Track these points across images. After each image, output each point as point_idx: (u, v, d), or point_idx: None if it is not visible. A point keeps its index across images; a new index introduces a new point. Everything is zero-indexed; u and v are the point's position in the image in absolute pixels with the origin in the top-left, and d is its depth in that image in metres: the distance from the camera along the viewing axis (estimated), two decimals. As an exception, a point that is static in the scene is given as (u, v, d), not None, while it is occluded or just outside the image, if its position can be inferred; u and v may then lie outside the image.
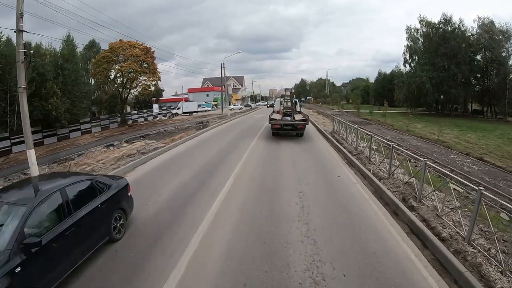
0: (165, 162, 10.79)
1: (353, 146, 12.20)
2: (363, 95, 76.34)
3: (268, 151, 11.89)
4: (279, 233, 5.14)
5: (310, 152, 11.88)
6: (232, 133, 17.57)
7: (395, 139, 17.20)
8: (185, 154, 12.17)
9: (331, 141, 13.87)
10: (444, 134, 24.52)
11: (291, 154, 11.31)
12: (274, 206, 6.39)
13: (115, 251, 4.77)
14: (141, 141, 19.83)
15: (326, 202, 6.64)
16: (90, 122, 30.95)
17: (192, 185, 7.95)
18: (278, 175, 8.66)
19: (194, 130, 19.47)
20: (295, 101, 17.11)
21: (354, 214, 5.95)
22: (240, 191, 7.42)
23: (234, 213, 6.10)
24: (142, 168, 10.09)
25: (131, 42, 33.37)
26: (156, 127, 30.35)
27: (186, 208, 6.38)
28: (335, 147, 12.68)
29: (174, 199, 6.97)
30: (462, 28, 39.68)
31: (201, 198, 7.02)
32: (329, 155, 11.68)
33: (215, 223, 5.65)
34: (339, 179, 8.50)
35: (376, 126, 24.23)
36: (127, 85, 33.86)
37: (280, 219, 5.70)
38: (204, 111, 53.99)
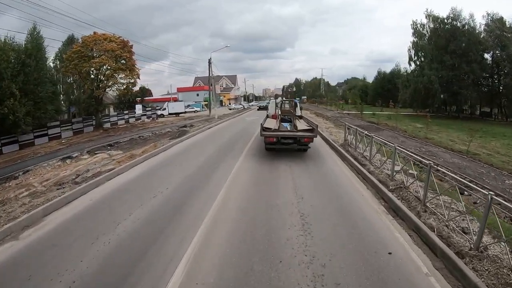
0: (96, 204, 6.89)
1: (382, 169, 8.61)
2: (361, 95, 73.62)
3: (258, 182, 7.82)
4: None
5: (322, 182, 7.83)
6: (214, 144, 13.74)
7: (421, 152, 13.73)
8: (135, 184, 8.28)
9: (346, 159, 10.15)
10: (465, 141, 21.25)
11: (292, 187, 7.36)
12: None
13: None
14: (105, 152, 16.17)
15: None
16: (60, 126, 27.10)
17: (120, 260, 4.26)
18: (273, 243, 4.68)
19: (167, 139, 15.61)
20: (295, 102, 13.26)
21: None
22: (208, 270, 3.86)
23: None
24: (61, 213, 6.31)
25: (106, 35, 29.46)
26: (133, 131, 26.48)
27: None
28: (356, 171, 8.93)
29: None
30: (472, 24, 36.63)
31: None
32: (354, 189, 7.46)
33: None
34: (391, 260, 4.26)
35: (389, 132, 20.75)
36: (102, 83, 29.85)
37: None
38: (193, 111, 50.14)
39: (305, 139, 9.99)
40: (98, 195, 7.38)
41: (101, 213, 6.19)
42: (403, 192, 6.94)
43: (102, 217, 5.95)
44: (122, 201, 6.85)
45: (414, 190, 6.92)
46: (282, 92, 17.09)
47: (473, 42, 35.14)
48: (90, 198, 7.15)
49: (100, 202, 6.88)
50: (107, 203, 6.77)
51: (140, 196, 7.05)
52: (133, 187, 7.89)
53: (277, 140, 9.93)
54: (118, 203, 6.72)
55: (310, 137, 9.99)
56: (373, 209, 6.21)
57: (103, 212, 6.24)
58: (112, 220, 5.74)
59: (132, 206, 6.43)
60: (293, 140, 10.07)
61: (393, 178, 7.80)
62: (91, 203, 6.86)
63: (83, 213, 6.29)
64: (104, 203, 6.82)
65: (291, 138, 10.02)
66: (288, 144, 10.16)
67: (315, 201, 6.37)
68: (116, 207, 6.46)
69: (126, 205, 6.53)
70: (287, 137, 10.00)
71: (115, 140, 21.19)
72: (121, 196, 7.24)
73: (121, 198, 7.09)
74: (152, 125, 31.69)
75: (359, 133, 11.71)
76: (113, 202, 6.81)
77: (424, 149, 14.76)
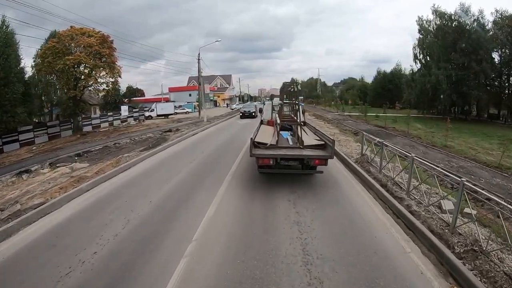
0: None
1: (427, 207, 5.95)
2: (359, 95, 71.46)
3: (244, 243, 4.64)
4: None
5: (349, 240, 4.73)
6: (192, 159, 10.71)
7: (453, 168, 11.10)
8: (51, 241, 5.06)
9: (371, 185, 7.39)
10: (486, 149, 18.77)
11: (301, 254, 4.30)
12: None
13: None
14: (69, 164, 13.37)
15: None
16: (33, 130, 24.13)
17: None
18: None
19: (138, 151, 12.74)
20: (299, 105, 9.88)
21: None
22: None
23: None
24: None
25: (84, 29, 26.56)
26: (111, 137, 23.54)
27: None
28: (392, 210, 6.07)
29: None
30: (482, 20, 34.25)
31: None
32: (400, 254, 4.49)
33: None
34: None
35: (403, 139, 18.10)
36: (80, 82, 26.91)
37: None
38: (184, 112, 47.17)
39: (315, 161, 6.98)
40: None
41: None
42: (481, 263, 4.24)
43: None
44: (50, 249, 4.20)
45: (498, 257, 4.27)
46: (280, 91, 14.07)
47: (483, 40, 32.80)
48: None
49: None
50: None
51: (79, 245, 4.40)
52: (44, 250, 4.82)
53: (275, 163, 6.99)
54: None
55: (322, 158, 6.90)
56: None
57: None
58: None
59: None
60: (298, 162, 7.16)
61: (455, 228, 5.12)
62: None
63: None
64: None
65: (294, 159, 7.09)
66: (290, 167, 7.30)
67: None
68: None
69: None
70: (289, 158, 7.01)
71: (86, 148, 18.26)
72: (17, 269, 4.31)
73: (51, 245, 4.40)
74: (136, 128, 28.72)
75: (375, 143, 9.07)
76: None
77: (454, 164, 12.12)
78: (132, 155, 11.73)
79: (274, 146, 7.51)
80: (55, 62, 24.66)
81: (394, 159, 8.37)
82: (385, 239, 4.82)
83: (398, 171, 7.68)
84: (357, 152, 10.97)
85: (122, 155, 12.09)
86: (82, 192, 7.79)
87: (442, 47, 34.59)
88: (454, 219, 5.28)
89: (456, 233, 5.22)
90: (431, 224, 5.55)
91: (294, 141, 8.56)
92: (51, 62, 24.80)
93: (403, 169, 7.26)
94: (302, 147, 7.46)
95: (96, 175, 9.20)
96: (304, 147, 7.43)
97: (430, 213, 6.05)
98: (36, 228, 5.63)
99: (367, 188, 7.28)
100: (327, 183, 7.48)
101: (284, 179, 7.64)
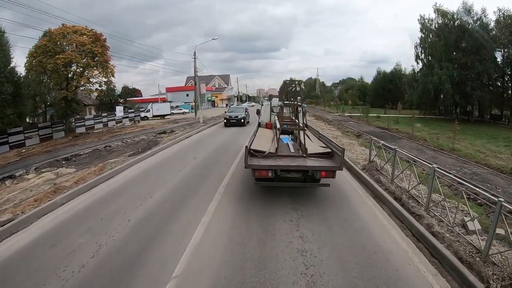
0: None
1: (450, 225, 5.10)
2: (359, 95, 70.78)
3: (238, 272, 3.86)
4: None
5: (368, 280, 3.72)
6: (183, 166, 9.68)
7: (466, 175, 10.25)
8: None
9: (382, 198, 6.44)
10: (494, 151, 17.98)
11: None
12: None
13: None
14: (56, 169, 12.54)
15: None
16: (23, 132, 23.21)
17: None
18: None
19: (126, 156, 11.83)
20: (302, 107, 8.68)
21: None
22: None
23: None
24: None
25: (76, 27, 25.61)
26: (103, 139, 22.61)
27: None
28: (412, 232, 5.16)
29: None
30: (485, 19, 33.51)
31: None
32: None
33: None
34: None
35: (409, 142, 17.25)
36: (72, 82, 25.95)
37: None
38: (181, 113, 46.27)
39: (322, 173, 5.95)
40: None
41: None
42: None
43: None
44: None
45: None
46: (280, 91, 13.09)
47: (487, 39, 32.03)
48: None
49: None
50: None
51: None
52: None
53: (274, 175, 5.96)
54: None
55: (330, 169, 5.90)
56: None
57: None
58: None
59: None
60: (302, 174, 6.12)
61: (488, 257, 4.26)
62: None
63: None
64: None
65: (297, 170, 6.03)
66: (292, 180, 6.27)
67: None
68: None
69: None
70: (291, 170, 6.00)
71: (75, 152, 17.32)
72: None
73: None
74: (130, 130, 27.77)
75: (384, 149, 8.20)
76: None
77: (467, 170, 11.28)
78: (119, 160, 10.81)
79: (273, 154, 6.57)
80: (46, 61, 23.73)
81: (404, 165, 7.56)
82: (409, 273, 3.93)
83: (412, 180, 6.84)
84: (363, 158, 10.09)
85: (109, 160, 11.16)
86: (56, 206, 6.87)
87: (444, 46, 33.84)
88: (488, 246, 4.43)
89: (490, 262, 4.36)
90: (458, 249, 4.68)
91: (296, 147, 7.64)
92: (42, 61, 23.90)
93: (422, 180, 6.37)
94: (306, 155, 6.53)
95: (75, 185, 8.28)
96: (308, 156, 6.51)
97: (455, 234, 5.19)
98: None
99: (379, 203, 6.38)
100: (333, 197, 6.58)
101: (284, 191, 6.75)
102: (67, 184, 8.57)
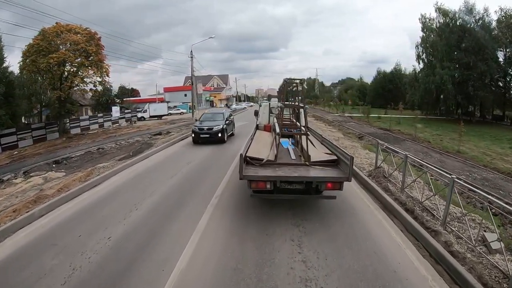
0: None
1: (471, 245, 4.51)
2: (359, 95, 70.36)
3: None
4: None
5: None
6: (176, 173, 8.84)
7: (476, 181, 9.67)
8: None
9: (394, 212, 5.77)
10: (500, 154, 17.44)
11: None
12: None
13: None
14: (44, 173, 11.99)
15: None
16: (16, 133, 22.61)
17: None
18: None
19: (117, 159, 11.19)
20: (304, 108, 7.51)
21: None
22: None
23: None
24: None
25: (70, 26, 24.99)
26: (97, 140, 21.98)
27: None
28: (430, 252, 4.50)
29: None
30: (487, 19, 33.02)
31: None
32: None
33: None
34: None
35: (413, 144, 16.68)
36: (66, 82, 25.25)
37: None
38: (179, 113, 45.61)
39: (328, 185, 5.25)
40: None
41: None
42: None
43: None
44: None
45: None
46: (280, 91, 12.32)
47: (489, 39, 31.53)
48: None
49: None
50: None
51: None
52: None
53: (273, 187, 5.24)
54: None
55: (337, 181, 5.20)
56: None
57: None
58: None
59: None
60: (305, 186, 5.37)
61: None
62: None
63: None
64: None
65: (300, 182, 5.34)
66: (293, 191, 5.52)
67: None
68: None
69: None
70: (293, 181, 5.32)
71: (67, 154, 16.71)
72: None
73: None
74: (125, 131, 27.15)
75: (393, 154, 7.63)
76: None
77: (476, 175, 10.70)
78: (109, 165, 10.16)
79: (272, 162, 5.91)
80: (39, 61, 23.10)
81: (413, 171, 6.95)
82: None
83: (422, 188, 6.23)
84: (368, 163, 9.48)
85: (98, 165, 10.52)
86: (34, 218, 6.23)
87: (446, 46, 33.35)
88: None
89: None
90: (482, 273, 4.07)
91: (297, 153, 6.96)
92: (35, 60, 23.27)
93: (438, 191, 5.75)
94: (309, 163, 5.88)
95: (58, 193, 7.64)
96: (311, 164, 5.86)
97: (476, 253, 4.59)
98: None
99: (390, 215, 5.75)
100: (339, 208, 5.94)
101: (284, 201, 6.12)
102: (49, 192, 7.93)
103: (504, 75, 34.92)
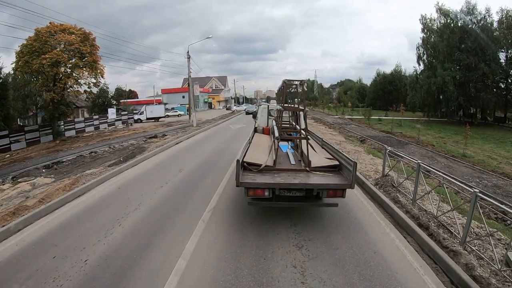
0: None
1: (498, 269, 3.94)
2: (358, 97, 70.02)
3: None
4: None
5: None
6: (167, 182, 8.19)
7: (487, 188, 9.11)
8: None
9: (407, 228, 5.20)
10: (506, 157, 16.90)
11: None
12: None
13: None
14: (33, 179, 11.39)
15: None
16: (8, 136, 22.10)
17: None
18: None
19: (107, 165, 10.56)
20: (304, 111, 6.89)
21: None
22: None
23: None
24: None
25: (64, 26, 24.44)
26: (91, 143, 21.36)
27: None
28: (448, 275, 3.97)
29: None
30: (489, 19, 32.60)
31: None
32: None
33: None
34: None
35: (417, 148, 16.11)
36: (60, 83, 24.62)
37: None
38: (176, 115, 45.02)
39: (329, 192, 4.88)
40: None
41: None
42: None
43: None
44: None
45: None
46: (278, 92, 11.75)
47: (491, 40, 31.10)
48: None
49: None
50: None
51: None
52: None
53: (272, 194, 4.84)
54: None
55: (339, 188, 4.83)
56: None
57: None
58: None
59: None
60: (305, 194, 4.93)
61: None
62: None
63: None
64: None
65: (300, 189, 4.91)
66: (292, 199, 5.12)
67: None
68: None
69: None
70: (293, 189, 4.89)
71: (58, 159, 16.14)
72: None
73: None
74: (121, 133, 26.51)
75: (398, 159, 7.08)
76: None
77: (487, 182, 10.15)
78: (97, 172, 9.54)
79: (271, 168, 5.39)
80: (32, 61, 22.52)
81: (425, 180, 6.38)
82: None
83: (435, 199, 5.68)
84: (373, 170, 8.91)
85: (86, 171, 9.91)
86: (9, 234, 5.62)
87: (447, 46, 32.90)
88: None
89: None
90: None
91: (297, 157, 6.44)
92: (28, 61, 22.68)
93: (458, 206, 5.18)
94: (309, 169, 5.36)
95: (38, 204, 7.02)
96: (312, 170, 5.33)
97: (501, 278, 4.03)
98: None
99: (403, 232, 5.16)
100: (345, 224, 5.33)
101: (283, 213, 5.53)
102: (30, 202, 7.31)
103: (506, 77, 34.50)
